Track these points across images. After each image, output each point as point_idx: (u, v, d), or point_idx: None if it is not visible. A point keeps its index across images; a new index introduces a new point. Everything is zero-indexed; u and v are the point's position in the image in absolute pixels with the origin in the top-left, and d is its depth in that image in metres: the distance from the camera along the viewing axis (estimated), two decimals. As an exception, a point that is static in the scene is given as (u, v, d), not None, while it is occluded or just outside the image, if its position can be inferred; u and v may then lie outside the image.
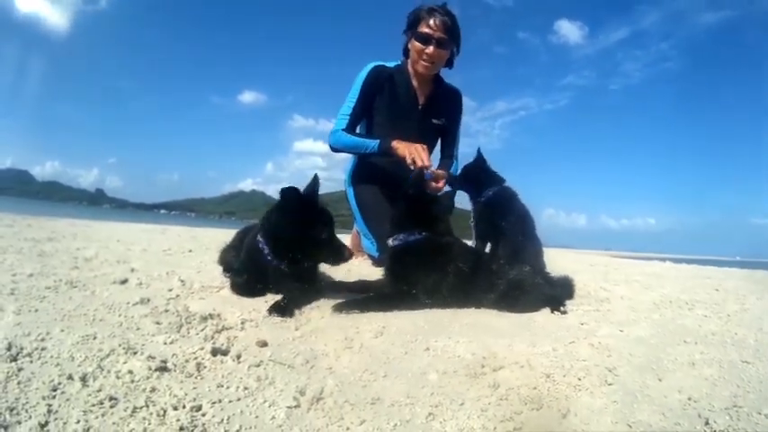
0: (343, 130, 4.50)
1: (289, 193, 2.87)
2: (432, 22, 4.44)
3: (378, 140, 4.29)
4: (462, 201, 4.66)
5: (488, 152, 4.43)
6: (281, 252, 2.96)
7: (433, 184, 4.07)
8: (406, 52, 4.82)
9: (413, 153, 3.86)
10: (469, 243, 4.10)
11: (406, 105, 4.78)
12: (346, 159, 5.12)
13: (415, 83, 4.81)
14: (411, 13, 4.64)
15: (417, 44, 4.53)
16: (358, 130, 4.75)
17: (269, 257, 2.96)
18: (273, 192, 3.19)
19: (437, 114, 4.92)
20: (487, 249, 4.42)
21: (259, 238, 3.02)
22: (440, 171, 4.17)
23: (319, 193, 3.01)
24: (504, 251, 4.06)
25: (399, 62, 4.87)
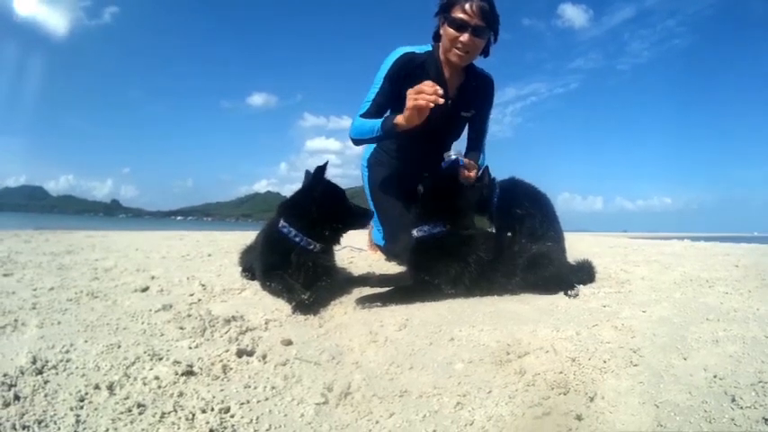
0: (361, 115, 4.05)
1: (320, 170, 2.97)
2: (468, 6, 3.88)
3: (380, 121, 3.84)
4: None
5: (500, 141, 4.29)
6: (311, 230, 2.97)
7: (466, 172, 3.90)
8: (436, 37, 4.25)
9: (416, 99, 3.36)
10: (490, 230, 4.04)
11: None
12: (360, 155, 4.89)
13: (446, 72, 4.25)
14: None
15: (451, 31, 3.97)
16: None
17: (297, 239, 2.95)
18: (288, 192, 3.16)
19: (467, 106, 4.44)
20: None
21: (282, 223, 3.00)
22: (472, 162, 3.98)
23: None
24: (525, 237, 3.95)
25: (430, 47, 4.28)
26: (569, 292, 2.97)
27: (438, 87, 3.31)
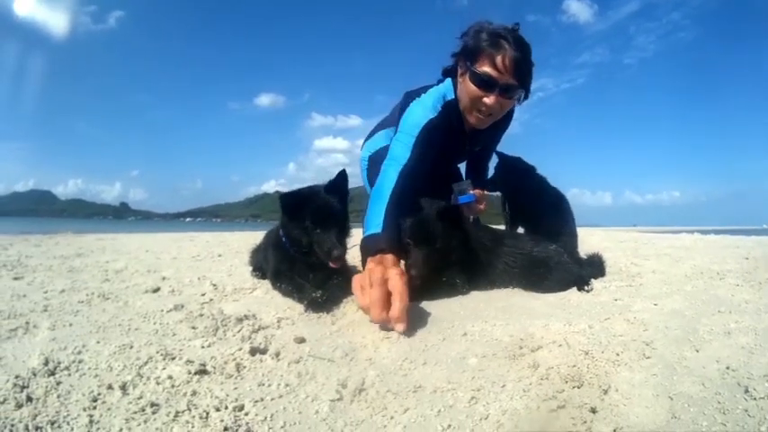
0: (400, 170, 3.01)
1: (282, 198, 2.86)
2: (499, 60, 3.18)
3: (372, 233, 2.69)
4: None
5: (508, 137, 4.11)
6: (293, 244, 2.91)
7: (479, 207, 3.75)
8: (450, 73, 3.60)
9: (364, 301, 2.27)
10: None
11: (452, 139, 3.62)
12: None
13: (467, 127, 3.65)
14: (470, 35, 3.36)
15: (474, 88, 3.29)
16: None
17: (287, 247, 2.93)
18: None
19: (479, 142, 3.92)
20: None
21: (280, 232, 2.99)
22: (479, 191, 3.76)
23: (344, 179, 2.90)
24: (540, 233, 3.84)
25: (450, 95, 3.50)
26: (585, 288, 2.95)
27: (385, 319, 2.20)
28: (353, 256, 3.01)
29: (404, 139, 3.19)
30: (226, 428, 1.32)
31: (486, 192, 3.89)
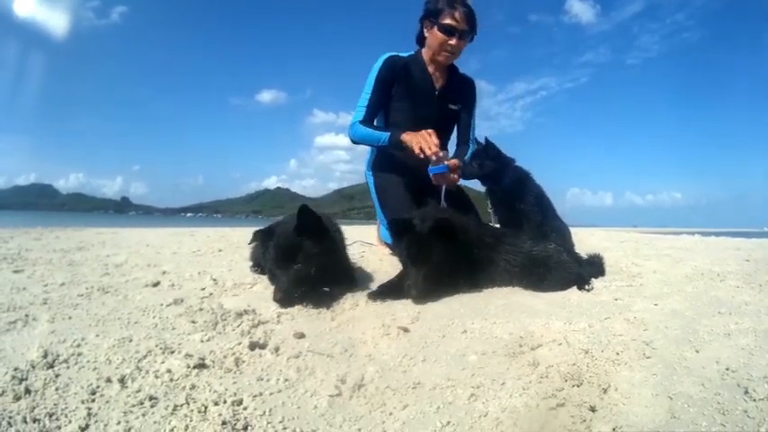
0: (360, 122, 4.32)
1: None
2: (457, 14, 4.24)
3: (388, 133, 4.10)
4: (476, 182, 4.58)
5: (510, 135, 4.28)
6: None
7: (452, 176, 4.03)
8: (420, 40, 4.61)
9: (420, 142, 3.69)
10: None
11: (423, 92, 4.56)
12: (368, 150, 4.93)
13: (430, 70, 4.57)
14: (431, 2, 4.41)
15: (440, 35, 4.30)
16: (376, 121, 4.57)
17: None
18: (298, 188, 3.11)
19: (453, 100, 4.72)
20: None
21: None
22: (454, 161, 4.03)
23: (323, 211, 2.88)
24: (529, 232, 3.89)
25: (413, 51, 4.62)
26: (585, 287, 2.93)
27: (437, 151, 3.63)
28: (352, 252, 3.04)
29: (363, 98, 4.39)
30: (224, 422, 1.31)
31: (460, 163, 4.16)
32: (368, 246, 5.02)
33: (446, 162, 3.83)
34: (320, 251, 2.68)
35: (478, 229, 3.19)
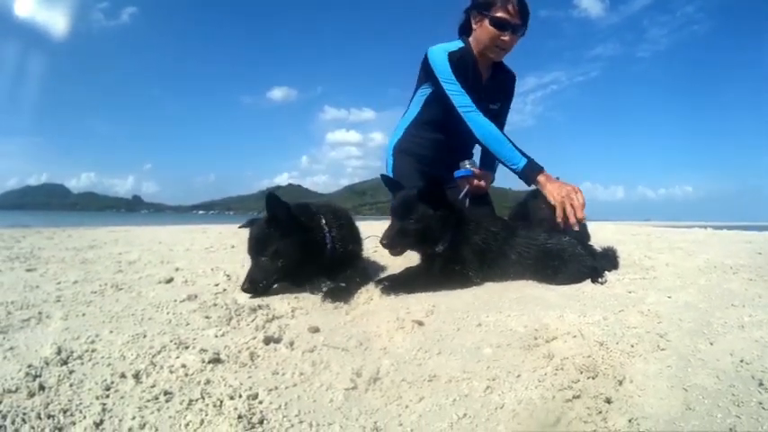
0: (477, 109, 3.79)
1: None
2: (510, 7, 3.94)
3: (525, 160, 3.60)
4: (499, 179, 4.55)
5: (522, 129, 4.24)
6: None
7: (475, 182, 4.03)
8: (465, 30, 4.28)
9: (565, 203, 3.31)
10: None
11: (471, 88, 4.02)
12: (381, 147, 4.78)
13: (479, 66, 4.24)
14: None
15: (492, 29, 3.99)
16: (410, 109, 4.44)
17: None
18: (310, 184, 3.11)
19: (494, 99, 4.39)
20: None
21: None
22: (484, 172, 4.09)
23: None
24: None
25: (461, 43, 4.19)
26: (599, 279, 2.91)
27: (580, 219, 3.31)
28: (366, 246, 3.03)
29: (454, 88, 3.87)
30: (240, 416, 1.30)
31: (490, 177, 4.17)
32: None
33: (472, 168, 3.88)
34: (289, 243, 2.67)
35: (492, 222, 3.17)
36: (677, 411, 1.38)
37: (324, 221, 2.89)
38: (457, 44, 4.18)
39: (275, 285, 2.69)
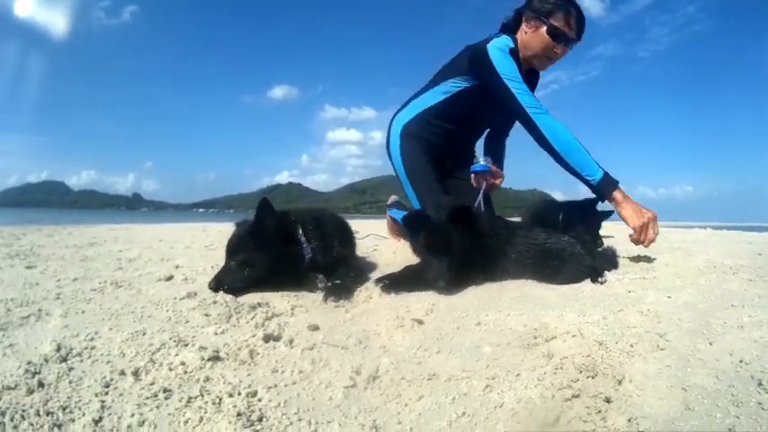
0: (547, 113, 3.52)
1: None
2: (571, 20, 3.78)
3: (602, 172, 3.34)
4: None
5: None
6: None
7: (491, 179, 4.00)
8: (512, 29, 4.04)
9: (643, 227, 3.19)
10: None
11: None
12: (382, 145, 4.66)
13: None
14: None
15: (547, 38, 3.81)
16: (433, 95, 4.17)
17: None
18: (310, 183, 3.10)
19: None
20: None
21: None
22: (499, 171, 4.05)
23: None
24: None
25: (512, 42, 3.84)
26: (599, 279, 2.91)
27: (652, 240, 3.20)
28: (366, 245, 3.03)
29: (520, 87, 3.54)
30: (239, 414, 1.29)
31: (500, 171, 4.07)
32: (381, 239, 5.01)
33: (489, 165, 3.84)
34: (260, 255, 2.67)
35: (491, 221, 3.16)
36: (676, 411, 1.38)
37: (301, 233, 2.84)
38: (509, 42, 3.87)
39: (243, 290, 2.63)
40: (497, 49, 3.68)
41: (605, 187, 3.32)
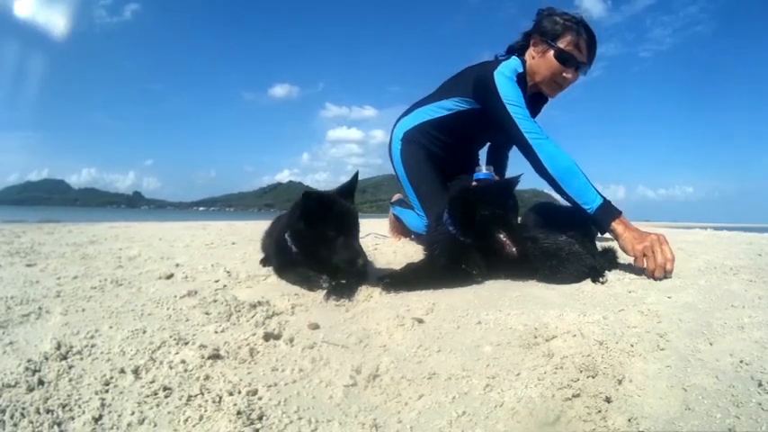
0: (547, 139, 3.38)
1: (307, 198, 2.66)
2: (581, 42, 3.66)
3: (601, 200, 3.21)
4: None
5: None
6: (304, 254, 2.78)
7: None
8: (519, 51, 3.96)
9: (640, 250, 3.05)
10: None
11: None
12: (383, 144, 4.68)
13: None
14: (550, 18, 3.77)
15: (555, 63, 3.71)
16: (435, 109, 4.11)
17: (292, 253, 2.82)
18: (311, 182, 3.10)
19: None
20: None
21: (285, 235, 2.84)
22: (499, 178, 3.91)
23: (357, 181, 2.81)
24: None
25: (521, 67, 3.78)
26: (599, 279, 2.90)
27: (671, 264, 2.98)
28: (366, 244, 3.02)
29: (521, 113, 3.44)
30: (239, 412, 1.29)
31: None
32: (382, 238, 5.02)
33: (493, 174, 3.76)
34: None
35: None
36: (676, 411, 1.38)
37: None
38: (518, 66, 3.79)
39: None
40: (504, 77, 3.59)
41: (603, 217, 3.21)
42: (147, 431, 1.25)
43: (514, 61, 3.78)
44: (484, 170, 3.75)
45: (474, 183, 3.67)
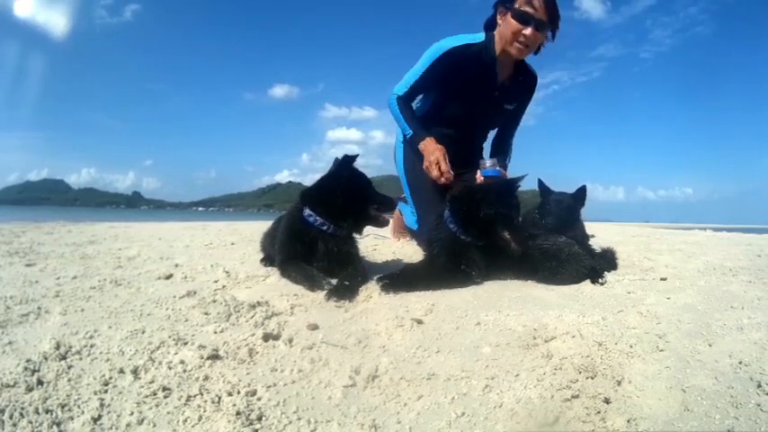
0: (399, 96, 4.08)
1: (349, 159, 2.96)
2: (536, 2, 3.79)
3: (412, 132, 3.99)
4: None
5: (523, 129, 4.11)
6: (337, 217, 2.93)
7: None
8: (491, 26, 4.13)
9: (432, 163, 3.72)
10: None
11: (484, 86, 4.14)
12: (383, 144, 4.75)
13: (498, 62, 4.11)
14: None
15: (514, 23, 3.84)
16: (429, 97, 4.36)
17: (324, 227, 2.91)
18: (310, 182, 3.14)
19: (511, 99, 4.34)
20: None
21: (308, 212, 2.93)
22: (506, 174, 3.94)
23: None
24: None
25: (483, 37, 4.08)
26: (598, 280, 2.90)
27: (447, 174, 3.71)
28: (365, 245, 3.03)
29: (417, 65, 4.08)
30: (238, 413, 1.30)
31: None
32: (381, 239, 5.02)
33: (498, 168, 3.80)
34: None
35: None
36: (675, 412, 1.38)
37: None
38: (477, 38, 4.09)
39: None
40: (433, 53, 4.06)
41: (415, 140, 3.97)
42: (146, 431, 1.25)
43: (471, 36, 4.15)
44: (488, 164, 3.81)
45: (481, 178, 3.74)
